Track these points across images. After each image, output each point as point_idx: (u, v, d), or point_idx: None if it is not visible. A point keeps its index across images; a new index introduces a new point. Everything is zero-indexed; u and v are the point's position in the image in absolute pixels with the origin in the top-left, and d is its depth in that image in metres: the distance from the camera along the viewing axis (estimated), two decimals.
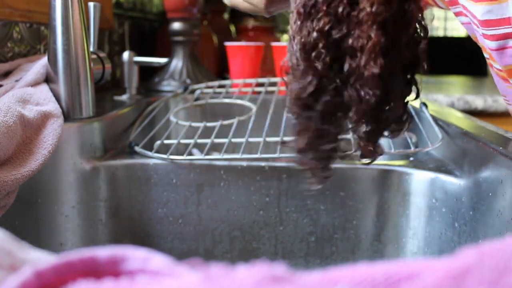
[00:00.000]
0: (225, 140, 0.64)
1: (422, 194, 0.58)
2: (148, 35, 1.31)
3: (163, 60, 0.89)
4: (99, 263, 0.17)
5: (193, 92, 0.92)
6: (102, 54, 0.73)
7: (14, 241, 0.19)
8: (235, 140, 0.64)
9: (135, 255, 0.18)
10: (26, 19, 0.73)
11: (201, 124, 0.71)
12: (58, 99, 0.60)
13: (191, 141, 0.65)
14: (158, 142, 0.64)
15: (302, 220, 0.62)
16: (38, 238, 0.55)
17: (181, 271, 0.17)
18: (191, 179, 0.62)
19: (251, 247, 0.63)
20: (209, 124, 0.70)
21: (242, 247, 0.63)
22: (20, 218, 0.52)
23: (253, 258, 0.63)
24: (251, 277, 0.16)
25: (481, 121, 0.63)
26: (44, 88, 0.60)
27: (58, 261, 0.17)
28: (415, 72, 0.39)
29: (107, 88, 0.98)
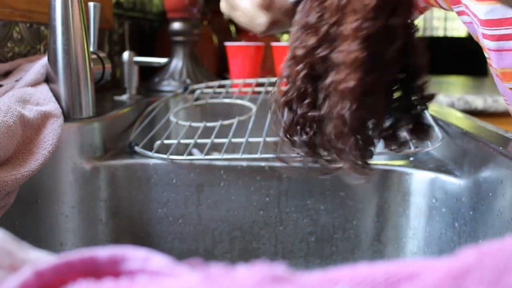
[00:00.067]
0: (225, 140, 0.64)
1: (422, 194, 0.58)
2: (148, 35, 1.31)
3: (163, 60, 0.89)
4: (99, 263, 0.17)
5: (193, 92, 0.92)
6: (102, 54, 0.73)
7: (14, 241, 0.19)
8: (235, 140, 0.64)
9: (135, 255, 0.18)
10: (26, 19, 0.73)
11: (201, 124, 0.71)
12: (58, 99, 0.60)
13: (191, 141, 0.65)
14: (158, 142, 0.64)
15: (302, 220, 0.62)
16: (38, 238, 0.55)
17: (181, 271, 0.17)
18: (191, 179, 0.62)
19: (251, 247, 0.63)
20: (209, 124, 0.70)
21: (242, 247, 0.63)
22: (20, 218, 0.52)
23: (253, 258, 0.63)
24: (251, 277, 0.16)
25: (481, 121, 0.63)
26: (44, 88, 0.60)
27: (58, 261, 0.17)
28: (411, 86, 0.38)
29: (107, 88, 0.98)
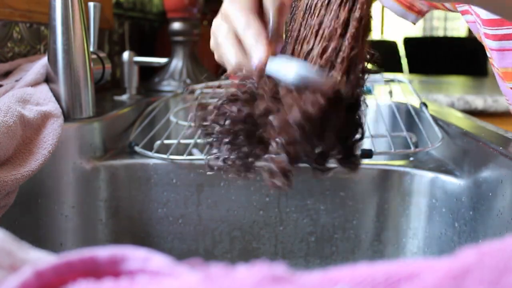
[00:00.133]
0: None
1: (422, 194, 0.58)
2: (148, 35, 1.31)
3: (163, 60, 0.89)
4: (99, 263, 0.17)
5: (193, 92, 0.92)
6: (102, 54, 0.73)
7: (14, 241, 0.19)
8: None
9: (135, 255, 0.18)
10: (26, 19, 0.73)
11: None
12: (58, 99, 0.60)
13: (191, 141, 0.65)
14: (158, 142, 0.64)
15: (302, 220, 0.62)
16: (38, 238, 0.55)
17: (181, 271, 0.17)
18: (191, 179, 0.62)
19: (251, 247, 0.63)
20: None
21: (242, 247, 0.63)
22: (20, 218, 0.52)
23: (253, 258, 0.63)
24: (251, 277, 0.16)
25: (481, 121, 0.63)
26: (44, 88, 0.60)
27: (58, 261, 0.17)
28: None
29: (107, 88, 0.98)
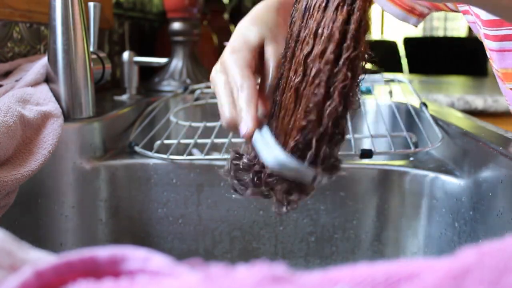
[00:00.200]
0: (225, 140, 0.64)
1: (422, 194, 0.58)
2: (148, 35, 1.31)
3: (163, 60, 0.89)
4: (99, 263, 0.17)
5: (193, 92, 0.92)
6: (102, 54, 0.73)
7: (14, 241, 0.19)
8: (235, 140, 0.64)
9: (135, 255, 0.18)
10: (26, 19, 0.73)
11: (201, 124, 0.71)
12: (58, 99, 0.60)
13: (191, 141, 0.65)
14: (158, 142, 0.64)
15: (302, 220, 0.62)
16: (38, 238, 0.55)
17: (181, 271, 0.17)
18: (191, 179, 0.62)
19: (251, 247, 0.63)
20: (209, 124, 0.70)
21: (242, 247, 0.63)
22: (20, 218, 0.52)
23: (253, 258, 0.63)
24: (251, 277, 0.16)
25: (481, 121, 0.63)
26: (44, 88, 0.60)
27: (58, 261, 0.17)
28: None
29: (107, 88, 0.98)
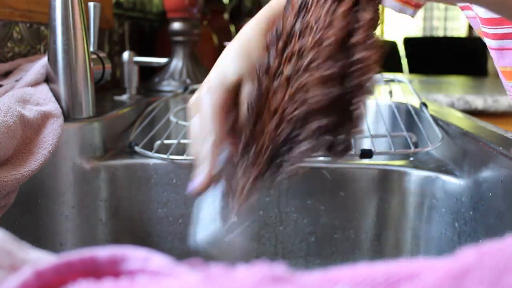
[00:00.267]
0: None
1: (422, 194, 0.58)
2: (148, 35, 1.31)
3: (163, 60, 0.89)
4: (99, 263, 0.17)
5: (193, 92, 0.92)
6: (102, 54, 0.73)
7: (14, 241, 0.19)
8: None
9: (135, 255, 0.18)
10: (26, 19, 0.73)
11: None
12: (58, 99, 0.60)
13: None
14: (158, 142, 0.64)
15: (302, 220, 0.62)
16: (38, 238, 0.55)
17: (181, 271, 0.17)
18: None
19: (251, 247, 0.63)
20: None
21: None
22: (20, 218, 0.52)
23: (253, 258, 0.63)
24: (251, 277, 0.16)
25: (481, 121, 0.63)
26: (44, 88, 0.60)
27: (58, 261, 0.17)
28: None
29: (107, 88, 0.98)
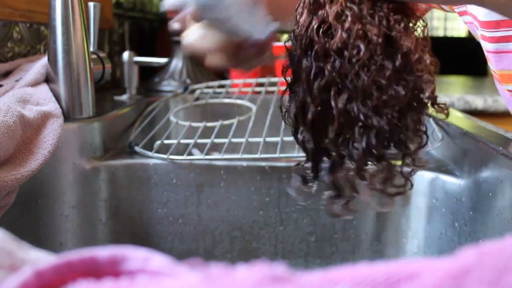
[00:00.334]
0: (225, 140, 0.64)
1: (422, 194, 0.58)
2: (148, 35, 1.31)
3: (163, 60, 0.89)
4: (99, 263, 0.17)
5: (193, 92, 0.92)
6: (102, 54, 0.73)
7: (14, 241, 0.19)
8: (235, 140, 0.64)
9: (135, 255, 0.18)
10: (26, 19, 0.73)
11: (201, 124, 0.71)
12: (58, 99, 0.60)
13: (191, 141, 0.65)
14: (158, 142, 0.64)
15: (302, 220, 0.62)
16: (38, 238, 0.55)
17: (181, 271, 0.17)
18: (191, 179, 0.62)
19: (251, 247, 0.63)
20: (209, 124, 0.70)
21: (242, 247, 0.63)
22: (20, 218, 0.52)
23: (253, 258, 0.63)
24: (251, 277, 0.16)
25: (481, 121, 0.63)
26: (44, 88, 0.60)
27: (58, 261, 0.17)
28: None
29: (107, 88, 0.98)
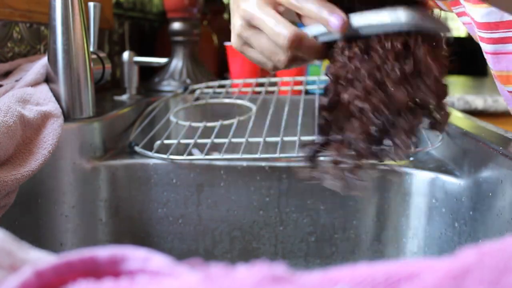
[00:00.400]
0: (225, 140, 0.64)
1: (422, 194, 0.58)
2: (148, 35, 1.31)
3: (163, 60, 0.89)
4: (99, 263, 0.17)
5: (193, 92, 0.92)
6: (102, 54, 0.73)
7: (14, 241, 0.19)
8: (235, 140, 0.64)
9: (135, 255, 0.18)
10: (26, 19, 0.73)
11: (201, 124, 0.71)
12: (58, 99, 0.60)
13: (191, 141, 0.65)
14: (158, 142, 0.64)
15: (302, 220, 0.62)
16: (38, 238, 0.55)
17: (181, 271, 0.17)
18: (191, 179, 0.62)
19: (251, 247, 0.63)
20: (209, 124, 0.70)
21: (242, 247, 0.63)
22: (20, 218, 0.52)
23: (253, 258, 0.63)
24: (251, 277, 0.16)
25: (481, 121, 0.63)
26: (44, 88, 0.60)
27: (58, 261, 0.17)
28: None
29: (107, 88, 0.98)
